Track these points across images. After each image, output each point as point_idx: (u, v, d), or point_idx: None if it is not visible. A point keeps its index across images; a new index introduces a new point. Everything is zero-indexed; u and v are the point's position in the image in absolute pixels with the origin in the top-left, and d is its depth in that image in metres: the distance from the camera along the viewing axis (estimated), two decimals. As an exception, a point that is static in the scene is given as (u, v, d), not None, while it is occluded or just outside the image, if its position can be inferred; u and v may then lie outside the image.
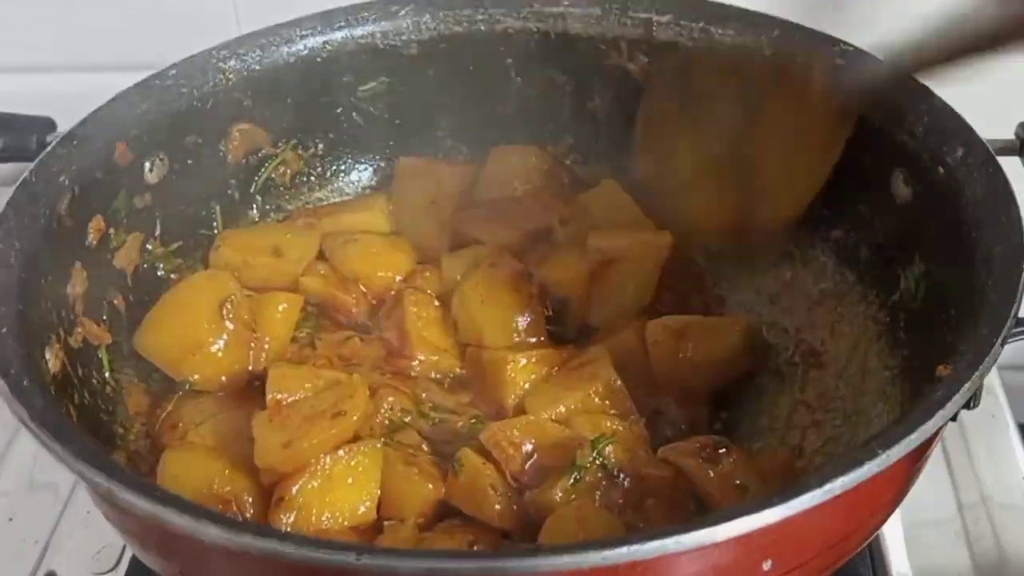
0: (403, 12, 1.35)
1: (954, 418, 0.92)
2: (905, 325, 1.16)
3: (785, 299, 1.31)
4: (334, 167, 1.42)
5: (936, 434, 0.94)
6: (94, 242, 1.18)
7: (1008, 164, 1.12)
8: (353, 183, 1.43)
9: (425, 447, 1.16)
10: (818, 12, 1.31)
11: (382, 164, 1.44)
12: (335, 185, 1.42)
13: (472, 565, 0.78)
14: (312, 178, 1.41)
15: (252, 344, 1.22)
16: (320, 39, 1.34)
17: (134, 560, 1.25)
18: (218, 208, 1.34)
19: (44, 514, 1.34)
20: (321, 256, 1.33)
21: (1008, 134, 1.25)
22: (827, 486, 0.84)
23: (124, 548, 1.27)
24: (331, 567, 0.79)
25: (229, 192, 1.35)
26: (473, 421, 1.19)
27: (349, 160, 1.43)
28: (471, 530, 1.05)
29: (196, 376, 1.20)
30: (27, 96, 1.36)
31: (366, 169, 1.44)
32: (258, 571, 0.86)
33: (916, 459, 0.99)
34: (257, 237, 1.33)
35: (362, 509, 1.07)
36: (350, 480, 1.07)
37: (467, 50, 1.36)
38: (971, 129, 1.13)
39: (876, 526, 1.03)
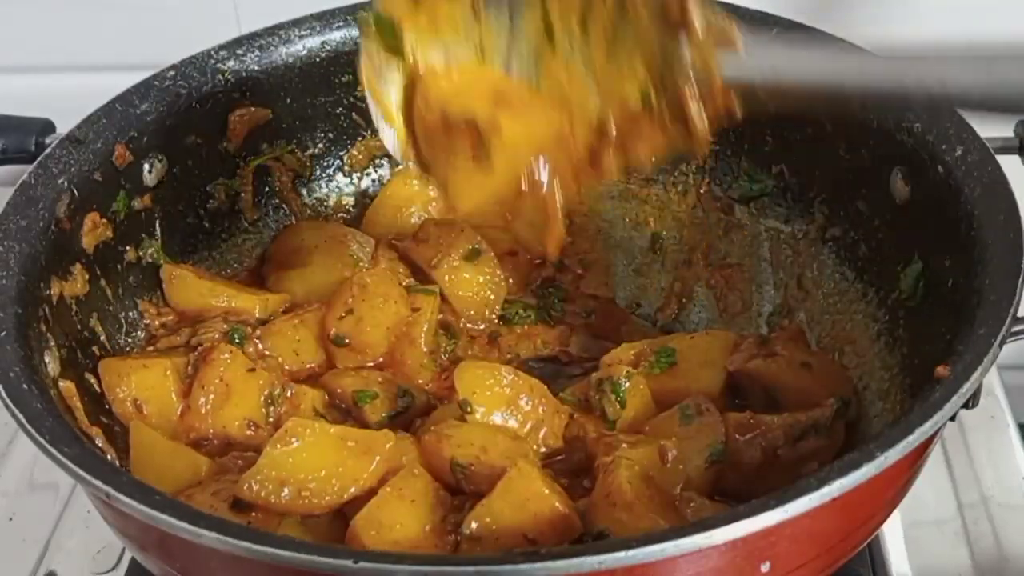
0: (402, 12, 1.35)
1: (953, 418, 0.92)
2: (904, 324, 1.16)
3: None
4: (334, 167, 1.42)
5: (935, 435, 0.94)
6: (93, 244, 1.19)
7: (1007, 162, 1.11)
8: (352, 184, 1.43)
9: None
10: (818, 12, 1.30)
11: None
12: (334, 185, 1.42)
13: (469, 570, 0.78)
14: (312, 178, 1.41)
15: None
16: (319, 39, 1.34)
17: (134, 560, 1.25)
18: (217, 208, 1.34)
19: (44, 514, 1.34)
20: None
21: (1007, 132, 1.24)
22: (825, 488, 0.84)
23: (124, 548, 1.27)
24: (329, 571, 0.79)
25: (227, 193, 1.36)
26: None
27: (348, 161, 1.42)
28: None
29: None
30: (26, 97, 1.36)
31: (366, 169, 1.44)
32: (256, 575, 0.86)
33: (915, 460, 0.99)
34: None
35: None
36: None
37: (465, 50, 1.36)
38: (970, 127, 1.12)
39: (875, 527, 1.03)
